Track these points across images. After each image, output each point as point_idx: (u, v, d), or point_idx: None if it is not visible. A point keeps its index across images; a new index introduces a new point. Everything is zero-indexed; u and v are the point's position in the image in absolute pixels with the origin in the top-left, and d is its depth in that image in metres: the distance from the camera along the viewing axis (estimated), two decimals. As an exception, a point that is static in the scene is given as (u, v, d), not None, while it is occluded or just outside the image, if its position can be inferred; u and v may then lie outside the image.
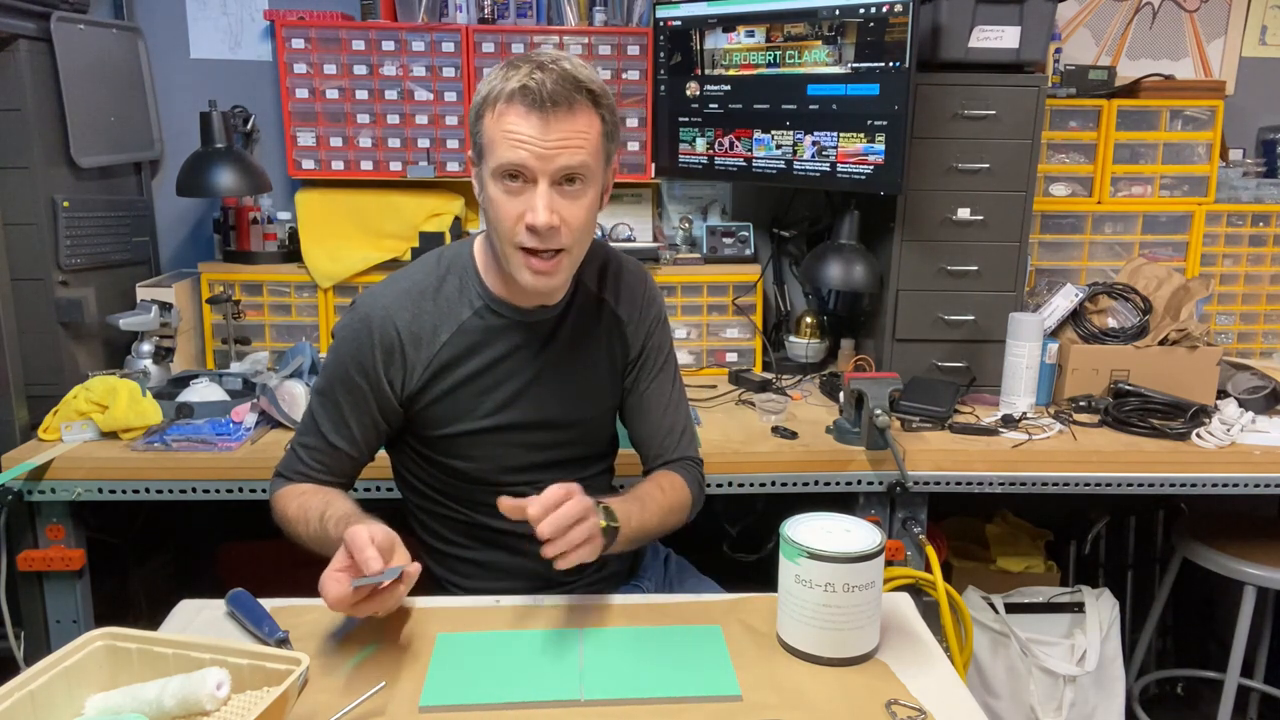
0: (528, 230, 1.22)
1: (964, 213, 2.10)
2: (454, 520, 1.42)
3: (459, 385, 1.34)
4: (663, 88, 2.35)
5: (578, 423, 1.43)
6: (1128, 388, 2.09)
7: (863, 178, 2.04)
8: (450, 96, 2.34)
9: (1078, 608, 2.15)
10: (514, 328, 1.35)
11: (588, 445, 1.47)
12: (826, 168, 2.10)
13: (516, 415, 1.37)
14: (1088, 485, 1.88)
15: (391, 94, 2.33)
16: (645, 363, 1.47)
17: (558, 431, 1.41)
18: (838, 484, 1.88)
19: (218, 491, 1.80)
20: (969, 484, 1.88)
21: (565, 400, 1.40)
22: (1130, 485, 1.89)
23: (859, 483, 1.88)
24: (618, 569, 1.52)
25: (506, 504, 1.13)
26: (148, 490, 1.80)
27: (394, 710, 1.05)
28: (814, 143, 2.10)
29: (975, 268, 2.12)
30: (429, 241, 2.28)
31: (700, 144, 2.32)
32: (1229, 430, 1.92)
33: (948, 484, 1.87)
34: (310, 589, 1.14)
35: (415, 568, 1.11)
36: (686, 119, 2.33)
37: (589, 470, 1.47)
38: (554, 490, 1.13)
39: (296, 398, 1.95)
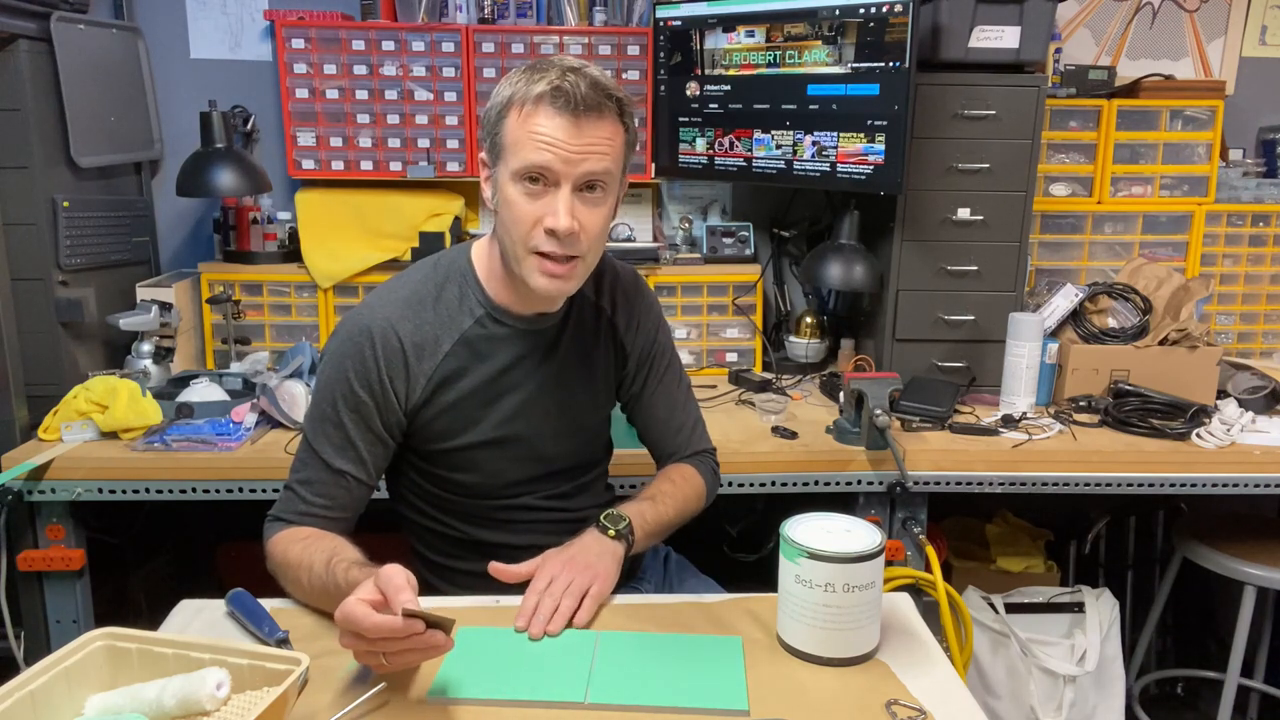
0: (546, 233, 1.20)
1: (964, 213, 2.10)
2: (451, 536, 1.41)
3: (462, 398, 1.32)
4: (663, 88, 2.35)
5: (579, 431, 1.43)
6: (1128, 388, 2.08)
7: (863, 178, 2.04)
8: (450, 96, 2.34)
9: (1078, 608, 2.15)
10: (516, 337, 1.34)
11: (586, 453, 1.47)
12: (826, 168, 2.09)
13: (520, 428, 1.36)
14: (1088, 485, 1.88)
15: (391, 94, 2.33)
16: (651, 367, 1.48)
17: (560, 442, 1.40)
18: (838, 484, 1.88)
19: (218, 491, 1.80)
20: (969, 484, 1.88)
21: (567, 410, 1.39)
22: (1130, 485, 1.89)
23: (859, 483, 1.88)
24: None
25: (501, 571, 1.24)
26: (148, 490, 1.80)
27: (400, 702, 1.05)
28: (814, 143, 2.10)
29: (975, 268, 2.12)
30: (429, 241, 2.28)
31: (700, 144, 2.32)
32: (1229, 430, 1.92)
33: (948, 484, 1.87)
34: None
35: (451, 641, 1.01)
36: (686, 119, 2.33)
37: (586, 476, 1.47)
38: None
39: (296, 398, 1.95)
